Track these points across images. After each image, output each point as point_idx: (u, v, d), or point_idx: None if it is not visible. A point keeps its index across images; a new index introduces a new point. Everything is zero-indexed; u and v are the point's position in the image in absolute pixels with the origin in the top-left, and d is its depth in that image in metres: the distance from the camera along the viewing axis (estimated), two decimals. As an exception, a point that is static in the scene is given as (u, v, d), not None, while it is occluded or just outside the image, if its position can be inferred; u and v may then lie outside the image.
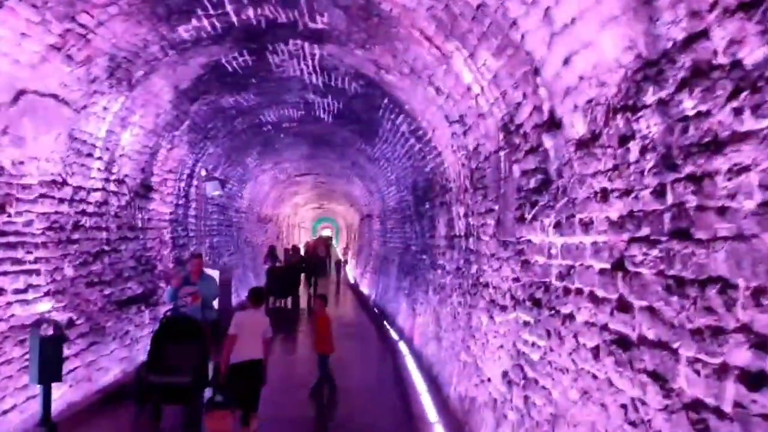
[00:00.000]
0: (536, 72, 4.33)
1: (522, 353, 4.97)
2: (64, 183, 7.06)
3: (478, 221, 6.72)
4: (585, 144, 3.63)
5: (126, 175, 8.96)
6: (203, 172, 12.21)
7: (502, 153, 5.68)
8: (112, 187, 8.46)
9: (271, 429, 6.66)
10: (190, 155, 11.82)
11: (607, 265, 3.30)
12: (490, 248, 6.14)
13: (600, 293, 3.41)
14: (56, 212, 6.89)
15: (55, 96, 6.46)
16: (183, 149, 11.18)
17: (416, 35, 6.34)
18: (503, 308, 5.61)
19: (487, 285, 6.25)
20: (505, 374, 5.38)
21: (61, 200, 7.01)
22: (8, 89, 5.67)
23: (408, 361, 9.60)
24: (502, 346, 5.59)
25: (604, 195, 3.36)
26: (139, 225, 9.60)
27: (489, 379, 5.91)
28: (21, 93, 5.87)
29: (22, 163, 6.13)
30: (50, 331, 5.65)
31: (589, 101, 3.51)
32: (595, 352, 3.42)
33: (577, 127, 3.74)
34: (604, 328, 3.32)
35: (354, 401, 7.91)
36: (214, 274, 11.33)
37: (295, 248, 21.18)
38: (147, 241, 9.95)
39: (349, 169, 19.80)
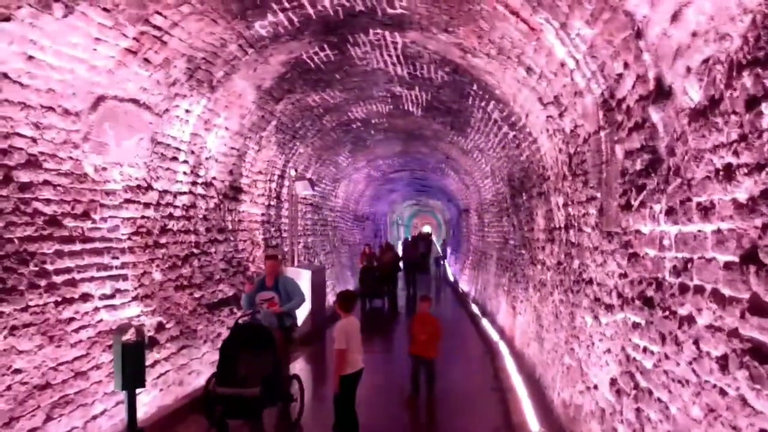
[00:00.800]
0: (638, 35, 3.72)
1: (632, 359, 4.34)
2: (149, 188, 7.05)
3: (578, 211, 6.09)
4: (701, 113, 3.01)
5: (214, 178, 8.95)
6: (293, 173, 12.13)
7: (602, 133, 5.05)
8: (199, 190, 8.45)
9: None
10: (280, 156, 11.77)
11: (735, 258, 2.69)
12: (593, 241, 5.51)
13: (726, 291, 2.79)
14: (142, 217, 6.89)
15: (135, 101, 6.44)
16: (272, 150, 11.13)
17: (501, 11, 5.80)
18: (609, 308, 4.98)
19: (590, 281, 5.62)
20: (613, 382, 4.76)
21: (147, 205, 7.00)
22: (86, 96, 5.65)
23: (508, 363, 9.02)
24: (609, 351, 4.97)
25: (728, 173, 2.74)
26: (229, 227, 9.59)
27: (595, 386, 5.29)
28: (100, 99, 5.85)
29: (105, 169, 6.12)
30: (134, 337, 5.59)
31: (706, 60, 2.89)
32: (723, 362, 2.80)
33: (690, 93, 3.12)
34: (733, 334, 2.71)
35: (451, 405, 7.45)
36: (306, 274, 11.25)
37: (388, 245, 20.40)
38: (238, 243, 9.94)
39: (443, 163, 19.31)
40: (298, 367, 10.27)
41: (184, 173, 7.95)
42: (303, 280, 11.44)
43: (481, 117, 10.46)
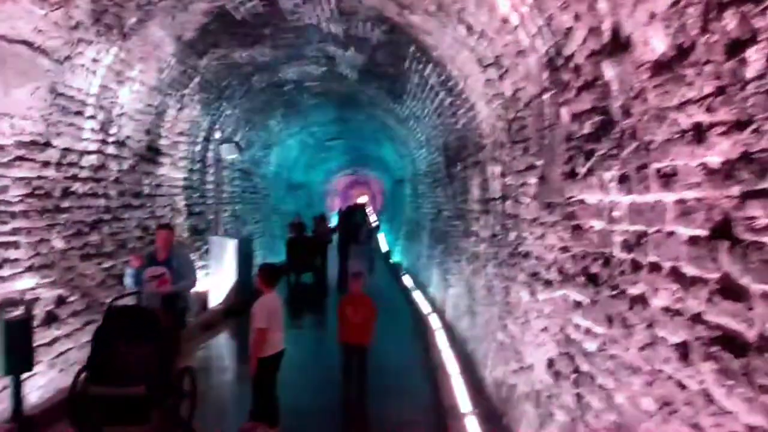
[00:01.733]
0: (594, -20, 3.32)
1: (573, 340, 4.04)
2: (48, 144, 6.28)
3: (516, 181, 5.74)
4: (666, 65, 2.63)
5: (128, 137, 8.18)
6: (218, 135, 11.39)
7: (546, 96, 4.67)
8: (110, 149, 7.69)
9: (294, 424, 5.86)
10: (205, 117, 11.00)
11: (703, 232, 2.34)
12: (531, 212, 5.18)
13: (689, 270, 2.45)
14: (39, 177, 6.14)
15: (27, 43, 5.64)
16: (195, 110, 10.36)
17: (442, -41, 5.33)
18: (548, 283, 4.67)
19: (527, 255, 5.30)
20: (550, 363, 4.47)
21: (45, 164, 6.25)
22: (-35, 33, 4.86)
23: (440, 337, 8.73)
24: (546, 329, 4.67)
25: (698, 133, 2.38)
26: (146, 191, 8.85)
27: (530, 367, 5.00)
28: (-18, 38, 5.06)
29: (-10, 120, 5.35)
30: (20, 314, 4.92)
31: (675, 2, 2.50)
32: (682, 351, 2.47)
33: (653, 43, 2.73)
34: (697, 319, 2.37)
35: (380, 385, 7.08)
36: (231, 244, 10.62)
37: (322, 216, 19.31)
38: (156, 209, 9.21)
39: (379, 132, 18.83)
40: (222, 342, 9.69)
41: (92, 130, 7.17)
42: (228, 250, 10.81)
43: (417, 82, 10.00)
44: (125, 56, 7.28)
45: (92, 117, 7.14)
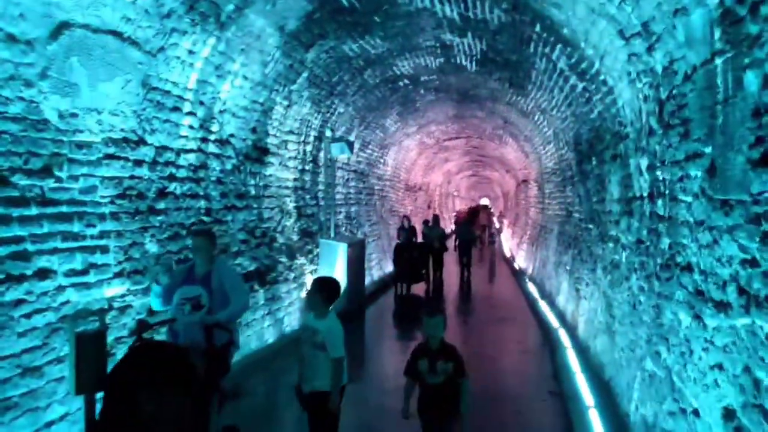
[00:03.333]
0: None
1: (766, 388, 2.92)
2: (141, 142, 5.91)
3: (672, 174, 4.59)
4: None
5: (231, 135, 7.77)
6: (329, 133, 10.87)
7: (719, 60, 3.55)
8: (211, 148, 7.29)
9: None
10: (315, 114, 10.52)
11: None
12: (695, 213, 4.04)
13: None
14: (132, 177, 5.77)
15: (115, 33, 5.25)
16: (305, 107, 9.88)
17: None
18: (722, 306, 3.54)
19: (688, 268, 4.16)
20: (729, 414, 3.34)
21: (138, 162, 5.87)
22: (41, 20, 4.48)
23: (571, 358, 7.61)
24: (720, 367, 3.54)
25: None
26: (252, 192, 8.43)
27: (696, 412, 3.87)
28: (63, 26, 4.69)
29: (74, 115, 4.98)
30: (95, 326, 4.47)
31: None
32: None
33: None
34: None
35: (499, 413, 6.12)
36: (341, 248, 10.04)
37: (435, 218, 17.52)
38: (263, 211, 8.78)
39: (500, 128, 17.71)
40: None
41: (191, 127, 6.78)
42: (338, 254, 10.24)
43: (544, 68, 8.91)
44: (224, 48, 6.83)
45: (191, 113, 6.74)
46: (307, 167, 10.68)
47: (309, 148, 10.70)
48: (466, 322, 11.27)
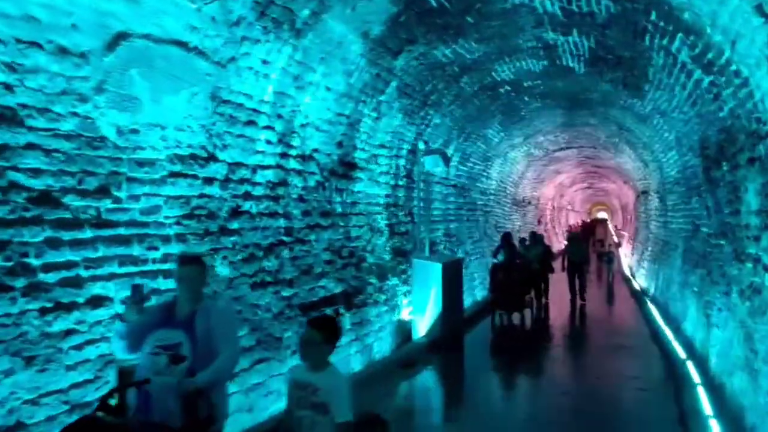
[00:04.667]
0: None
1: None
2: (212, 158, 5.56)
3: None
4: None
5: (315, 150, 7.35)
6: (422, 146, 10.25)
7: None
8: (292, 164, 6.88)
9: None
10: (408, 126, 9.95)
11: None
12: None
13: None
14: (201, 195, 5.42)
15: (180, 43, 4.93)
16: (396, 119, 9.34)
17: None
18: None
19: None
20: None
21: (209, 180, 5.53)
22: (96, 30, 4.20)
23: (701, 396, 6.49)
24: None
25: None
26: (338, 210, 7.96)
27: None
28: (121, 36, 4.39)
29: (135, 131, 4.68)
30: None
31: None
32: None
33: None
34: None
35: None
36: (435, 269, 9.37)
37: (534, 235, 15.49)
38: (351, 230, 8.29)
39: (615, 136, 16.38)
40: (423, 385, 8.17)
41: (268, 142, 6.40)
42: (433, 274, 9.55)
43: (662, 63, 7.85)
44: (302, 57, 6.41)
45: (268, 127, 6.36)
46: (400, 182, 10.12)
47: (402, 162, 10.14)
48: (578, 353, 10.17)
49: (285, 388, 5.91)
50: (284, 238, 6.68)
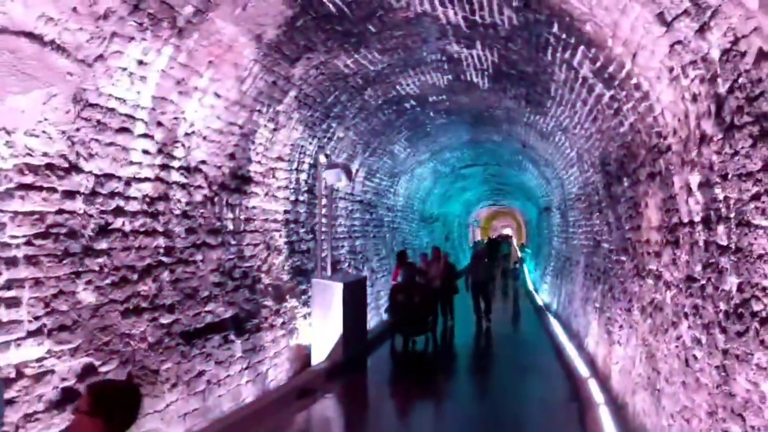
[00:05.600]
0: None
1: None
2: (74, 168, 4.87)
3: (739, 191, 3.42)
4: None
5: (202, 162, 6.75)
6: (323, 158, 9.80)
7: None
8: (175, 176, 6.26)
9: None
10: (310, 139, 9.49)
11: None
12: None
13: None
14: (59, 211, 4.72)
15: (32, 35, 4.26)
16: (296, 131, 8.86)
17: None
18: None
19: (774, 322, 2.97)
20: None
21: (69, 194, 4.83)
22: None
23: (604, 418, 6.34)
24: None
25: None
26: (230, 227, 7.36)
27: None
28: (-50, 23, 3.69)
29: (-29, 136, 3.97)
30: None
31: None
32: None
33: None
34: None
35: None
36: (336, 289, 8.90)
37: (437, 252, 14.70)
38: (244, 248, 7.71)
39: (519, 153, 16.59)
40: (321, 415, 7.63)
41: (145, 152, 5.76)
42: (333, 295, 9.06)
43: (564, 78, 7.79)
44: (186, 60, 5.83)
45: (146, 136, 5.72)
46: (301, 197, 9.62)
47: (303, 176, 9.65)
48: (482, 375, 9.86)
49: (166, 426, 5.27)
50: (164, 259, 6.02)
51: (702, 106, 4.03)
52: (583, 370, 8.51)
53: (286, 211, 9.07)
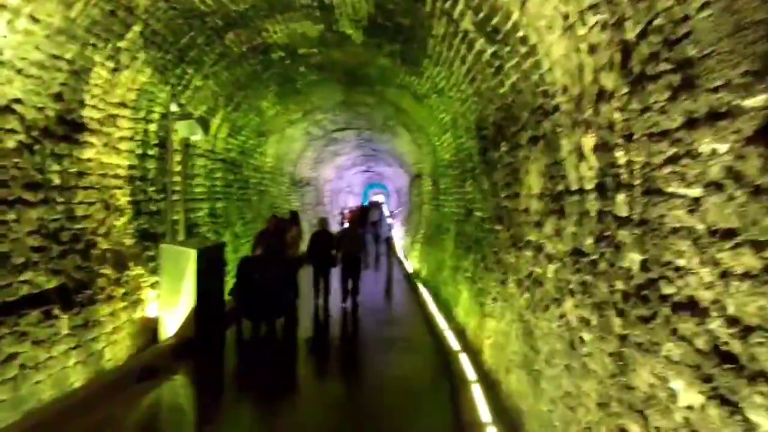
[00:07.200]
0: None
1: None
2: None
3: (648, 153, 2.95)
4: None
5: (16, 101, 5.51)
6: (174, 108, 8.65)
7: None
8: (-25, 116, 5.01)
9: None
10: (161, 86, 8.31)
11: None
12: (708, 217, 2.40)
13: None
14: None
15: None
16: (143, 74, 7.67)
17: None
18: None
19: (688, 306, 2.53)
20: None
21: None
22: None
23: (477, 396, 5.97)
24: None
25: None
26: (56, 181, 6.17)
27: None
28: None
29: None
30: None
31: None
32: None
33: None
34: None
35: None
36: (189, 255, 7.93)
37: (294, 215, 13.04)
38: (75, 207, 6.53)
39: (392, 118, 16.09)
40: (163, 402, 6.60)
41: (-71, 82, 4.50)
42: (186, 263, 8.04)
43: (443, 33, 7.23)
44: (-14, -34, 4.59)
45: (-71, 60, 4.46)
46: (149, 152, 8.45)
47: (153, 127, 8.48)
48: (350, 352, 9.02)
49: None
50: (-41, 218, 4.82)
51: (602, 57, 3.54)
52: (452, 341, 8.17)
53: (131, 167, 7.91)
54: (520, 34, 5.07)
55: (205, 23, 7.99)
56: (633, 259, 3.10)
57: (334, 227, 25.67)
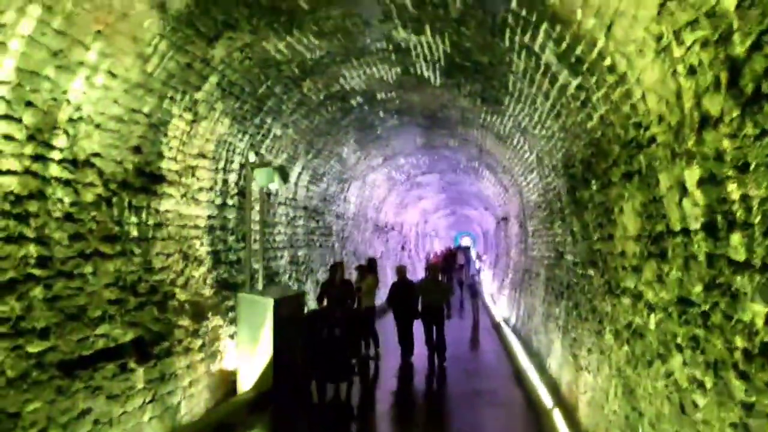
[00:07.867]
0: None
1: None
2: None
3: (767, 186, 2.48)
4: None
5: (95, 155, 5.58)
6: (252, 157, 8.67)
7: None
8: (53, 170, 5.08)
9: None
10: (240, 135, 8.37)
11: None
12: None
13: None
14: None
15: None
16: (221, 124, 7.74)
17: None
18: None
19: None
20: None
21: None
22: None
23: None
24: None
25: None
26: (134, 234, 6.20)
27: None
28: None
29: None
30: None
31: None
32: None
33: None
34: None
35: None
36: (266, 305, 7.77)
37: (371, 263, 12.41)
38: (153, 259, 6.54)
39: (475, 159, 15.72)
40: None
41: (8, 138, 4.58)
42: (264, 313, 7.89)
43: (524, 68, 6.88)
44: (63, 25, 4.68)
45: (7, 117, 4.54)
46: (229, 201, 8.48)
47: (233, 177, 8.53)
48: (430, 406, 8.55)
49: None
50: (35, 272, 4.84)
51: (704, 79, 3.09)
52: (545, 396, 7.55)
53: (210, 216, 7.93)
54: (607, 62, 4.66)
55: (281, 72, 8.01)
56: (756, 311, 2.59)
57: (420, 273, 25.24)
